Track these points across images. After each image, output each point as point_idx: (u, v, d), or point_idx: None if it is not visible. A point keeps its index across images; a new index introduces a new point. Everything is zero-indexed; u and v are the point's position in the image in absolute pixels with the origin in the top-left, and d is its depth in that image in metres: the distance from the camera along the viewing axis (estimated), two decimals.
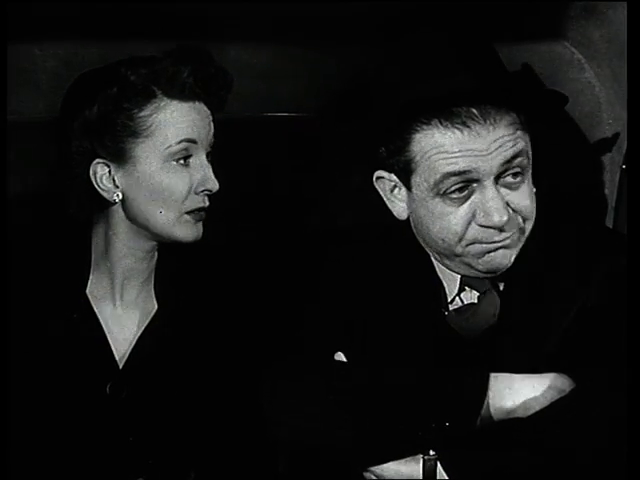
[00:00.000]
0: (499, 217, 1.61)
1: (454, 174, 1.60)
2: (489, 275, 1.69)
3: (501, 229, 1.63)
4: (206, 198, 1.79)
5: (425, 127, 1.61)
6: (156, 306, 1.86)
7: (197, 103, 1.79)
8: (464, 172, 1.60)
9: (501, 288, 1.72)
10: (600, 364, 1.60)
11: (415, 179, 1.65)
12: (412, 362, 1.67)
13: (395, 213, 1.73)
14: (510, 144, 1.60)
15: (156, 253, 1.86)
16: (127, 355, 1.83)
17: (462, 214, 1.63)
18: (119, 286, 1.86)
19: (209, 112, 1.81)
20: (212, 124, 1.81)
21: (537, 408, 1.58)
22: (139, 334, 1.84)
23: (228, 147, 1.84)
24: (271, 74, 2.12)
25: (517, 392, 1.59)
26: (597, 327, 1.64)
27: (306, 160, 2.27)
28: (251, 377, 1.74)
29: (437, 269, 1.75)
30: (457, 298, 1.73)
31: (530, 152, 1.65)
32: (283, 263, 1.87)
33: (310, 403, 1.65)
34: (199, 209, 1.79)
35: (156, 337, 1.84)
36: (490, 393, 1.59)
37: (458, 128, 1.59)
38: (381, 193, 1.73)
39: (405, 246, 1.76)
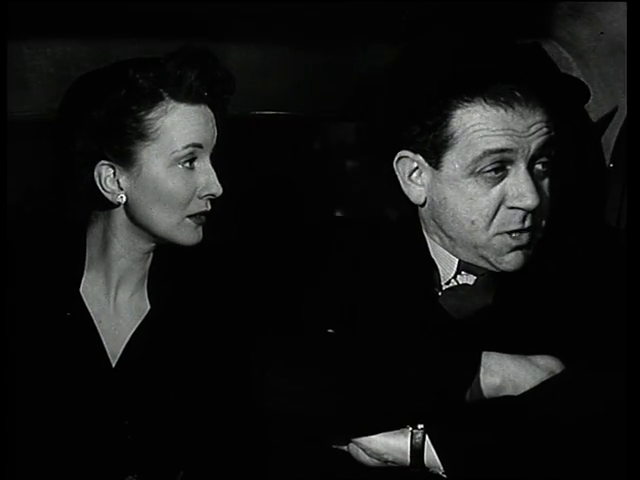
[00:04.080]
0: (532, 199, 1.61)
1: (494, 151, 1.61)
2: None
3: (531, 211, 1.63)
4: (209, 202, 1.79)
5: (467, 104, 1.61)
6: (149, 306, 1.86)
7: (202, 106, 1.79)
8: (504, 150, 1.60)
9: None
10: (592, 349, 1.62)
11: (450, 157, 1.64)
12: (402, 338, 1.68)
13: (412, 197, 1.72)
14: (546, 130, 1.62)
15: (152, 254, 1.86)
16: (120, 354, 1.83)
17: (494, 196, 1.63)
18: (114, 285, 1.85)
19: (213, 115, 1.80)
20: (215, 127, 1.81)
21: (527, 387, 1.59)
22: (132, 333, 1.84)
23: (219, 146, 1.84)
24: (261, 72, 2.13)
25: (507, 370, 1.60)
26: (590, 315, 1.66)
27: (296, 157, 2.27)
28: (244, 375, 1.73)
29: (432, 252, 1.75)
30: (453, 280, 1.74)
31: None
32: (274, 260, 1.86)
33: (300, 376, 1.65)
34: (201, 213, 1.79)
35: (149, 336, 1.84)
36: (481, 368, 1.60)
37: (502, 107, 1.60)
38: (399, 176, 1.72)
39: (400, 233, 1.77)
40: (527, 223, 1.64)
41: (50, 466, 1.78)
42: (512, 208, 1.63)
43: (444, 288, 1.74)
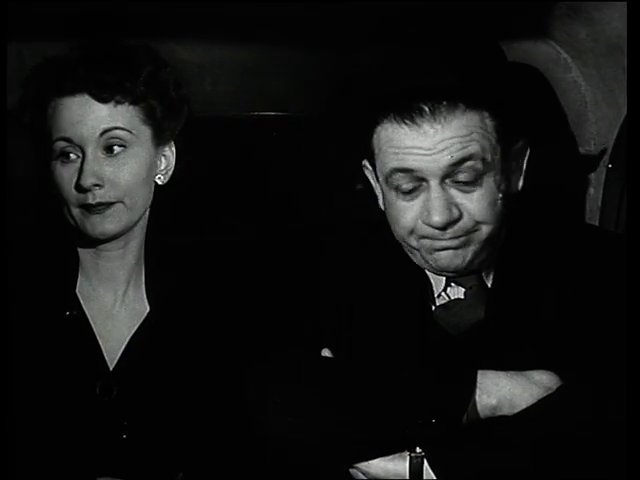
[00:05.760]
0: (438, 217, 1.61)
1: (400, 170, 1.62)
2: (446, 274, 1.70)
3: (444, 228, 1.63)
4: (94, 195, 1.74)
5: (385, 121, 1.63)
6: (147, 307, 1.85)
7: (83, 97, 1.74)
8: (409, 170, 1.62)
9: (489, 284, 1.72)
10: (588, 361, 1.61)
11: (378, 171, 1.68)
12: (399, 358, 1.68)
13: (379, 203, 1.75)
14: (459, 146, 1.60)
15: (130, 254, 1.84)
16: (118, 356, 1.82)
17: (412, 209, 1.65)
18: (99, 286, 1.85)
19: (102, 106, 1.74)
20: (112, 117, 1.74)
21: (524, 406, 1.59)
22: (130, 335, 1.83)
23: (215, 146, 1.84)
24: (258, 73, 2.13)
25: (503, 389, 1.59)
26: (584, 324, 1.65)
27: (292, 159, 2.28)
28: (242, 378, 1.74)
29: None
30: (443, 293, 1.74)
31: (490, 156, 1.63)
32: (273, 261, 1.87)
33: (296, 399, 1.65)
34: (84, 205, 1.75)
35: (147, 339, 1.83)
36: (477, 390, 1.59)
37: (407, 124, 1.60)
38: (371, 182, 1.75)
39: (392, 242, 1.76)
40: (448, 234, 1.64)
41: (48, 468, 1.77)
42: (424, 224, 1.64)
43: (437, 303, 1.73)
